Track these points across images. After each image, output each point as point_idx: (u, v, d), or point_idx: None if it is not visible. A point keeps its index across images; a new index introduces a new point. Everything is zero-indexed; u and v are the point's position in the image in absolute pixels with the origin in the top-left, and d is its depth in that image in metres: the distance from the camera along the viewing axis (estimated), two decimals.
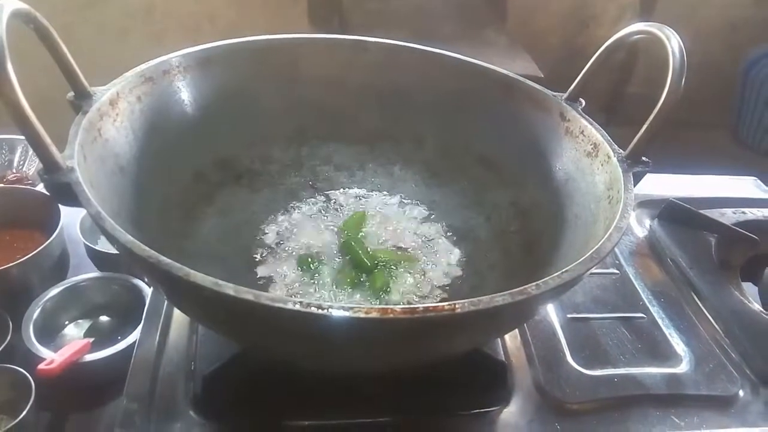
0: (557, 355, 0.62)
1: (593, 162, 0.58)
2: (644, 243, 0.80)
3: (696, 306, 0.70)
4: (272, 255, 0.66)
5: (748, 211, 0.85)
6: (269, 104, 0.70)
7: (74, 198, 0.43)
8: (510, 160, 0.69)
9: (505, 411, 0.57)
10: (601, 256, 0.44)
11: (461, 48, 0.79)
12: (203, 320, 0.53)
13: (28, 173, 0.91)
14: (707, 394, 0.60)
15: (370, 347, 0.43)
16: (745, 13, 2.19)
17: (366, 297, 0.62)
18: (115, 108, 0.54)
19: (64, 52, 0.50)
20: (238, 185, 0.70)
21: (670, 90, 0.52)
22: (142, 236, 0.41)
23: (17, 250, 0.71)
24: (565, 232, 0.58)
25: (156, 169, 0.58)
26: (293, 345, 0.45)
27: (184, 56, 0.63)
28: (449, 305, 0.37)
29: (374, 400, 0.55)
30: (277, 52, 0.69)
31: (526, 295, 0.39)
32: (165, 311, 0.62)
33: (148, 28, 1.94)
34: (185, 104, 0.64)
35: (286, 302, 0.36)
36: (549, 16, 2.16)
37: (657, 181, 0.89)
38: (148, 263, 0.38)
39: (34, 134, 0.42)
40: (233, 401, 0.54)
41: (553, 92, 0.65)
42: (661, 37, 0.54)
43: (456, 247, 0.69)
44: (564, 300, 0.68)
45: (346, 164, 0.76)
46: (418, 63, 0.71)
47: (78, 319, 0.70)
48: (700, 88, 1.73)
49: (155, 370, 0.56)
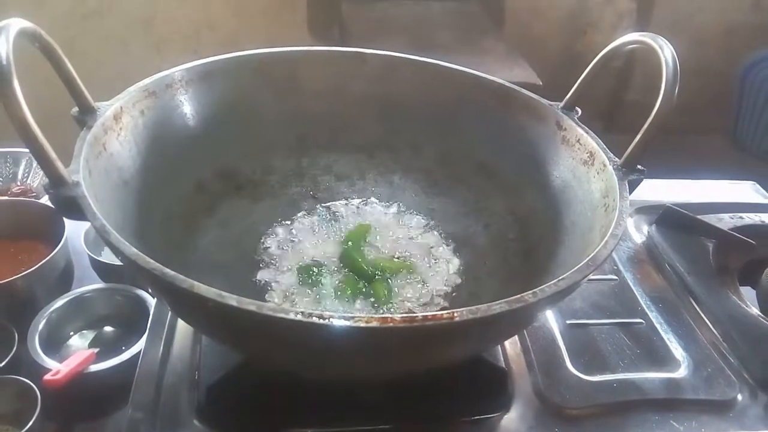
0: (557, 362, 0.62)
1: (589, 170, 0.59)
2: (642, 249, 0.81)
3: (694, 311, 0.71)
4: (273, 265, 0.67)
5: (746, 215, 0.85)
6: (270, 115, 0.71)
7: (80, 212, 0.44)
8: (508, 168, 0.70)
9: (505, 417, 0.57)
10: (597, 264, 0.45)
11: (460, 56, 0.80)
12: (207, 330, 0.54)
13: (32, 186, 0.92)
14: (706, 398, 0.60)
15: (370, 356, 0.44)
16: (742, 19, 2.20)
17: (367, 306, 0.63)
18: (119, 122, 0.55)
19: (69, 69, 0.51)
20: (239, 196, 0.71)
21: (663, 99, 0.53)
22: (146, 248, 0.42)
23: (22, 263, 0.72)
24: (562, 240, 0.59)
25: (159, 181, 0.59)
26: (295, 354, 0.46)
27: (186, 70, 0.64)
28: (448, 314, 0.38)
29: (376, 408, 0.55)
30: (278, 64, 0.70)
31: (523, 303, 0.40)
32: (169, 321, 0.62)
33: (149, 38, 1.95)
34: (187, 117, 0.65)
35: (288, 312, 0.37)
36: (547, 23, 2.17)
37: (655, 187, 0.90)
38: (153, 275, 0.39)
39: (40, 150, 0.43)
40: (237, 410, 0.54)
41: (549, 101, 0.66)
42: (655, 47, 0.55)
43: (455, 255, 0.70)
44: (563, 306, 0.68)
45: (347, 174, 0.77)
46: (416, 74, 0.72)
47: (83, 329, 0.71)
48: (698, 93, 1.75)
49: (160, 379, 0.57)
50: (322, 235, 0.71)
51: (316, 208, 0.74)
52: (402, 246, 0.71)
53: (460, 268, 0.68)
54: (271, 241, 0.69)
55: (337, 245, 0.69)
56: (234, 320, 0.40)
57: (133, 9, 1.92)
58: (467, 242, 0.71)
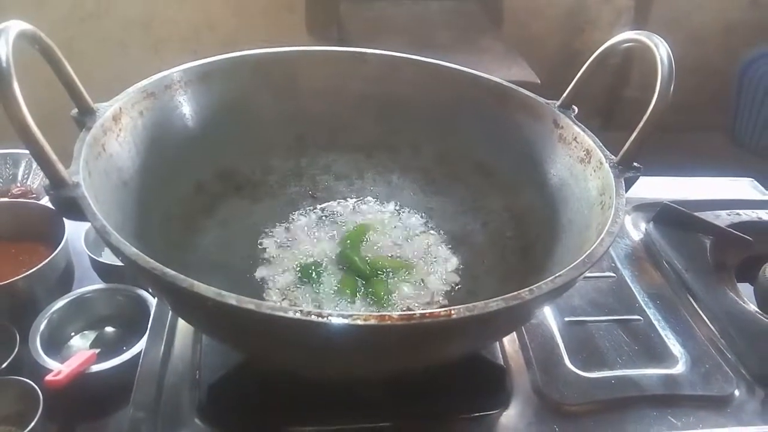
0: (555, 358, 0.63)
1: (586, 168, 0.59)
2: (640, 246, 0.81)
3: (692, 307, 0.71)
4: (273, 265, 0.67)
5: (743, 212, 0.86)
6: (269, 116, 0.71)
7: (80, 212, 0.44)
8: (505, 166, 0.70)
9: (504, 414, 0.57)
10: (593, 261, 0.45)
11: (458, 55, 0.80)
12: (207, 330, 0.54)
13: (32, 187, 0.92)
14: (703, 394, 0.61)
15: (369, 353, 0.44)
16: (740, 16, 2.20)
17: (366, 305, 0.63)
18: (118, 123, 0.56)
19: (69, 71, 0.52)
20: (239, 196, 0.71)
21: (659, 97, 0.54)
22: (145, 248, 0.42)
23: (23, 264, 0.72)
24: (559, 237, 0.59)
25: (158, 181, 0.60)
26: (295, 353, 0.46)
27: (185, 71, 0.64)
28: (445, 311, 0.38)
29: (375, 406, 0.56)
30: (276, 64, 0.71)
31: (519, 300, 0.41)
32: (169, 321, 0.63)
33: (148, 39, 1.96)
34: (186, 117, 0.65)
35: (287, 311, 0.37)
36: (545, 21, 2.18)
37: (652, 184, 0.90)
38: (153, 275, 0.40)
39: (40, 151, 0.43)
40: (238, 409, 0.54)
41: (546, 100, 0.67)
42: (650, 45, 0.55)
43: (453, 254, 0.70)
44: (561, 303, 0.69)
45: (345, 173, 0.77)
46: (414, 73, 0.73)
47: (84, 330, 0.71)
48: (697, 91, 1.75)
49: (161, 379, 0.57)
50: (321, 234, 0.71)
51: (315, 207, 0.75)
52: (400, 245, 0.71)
53: (458, 267, 0.69)
54: (271, 240, 0.70)
55: (336, 245, 0.70)
56: (233, 319, 0.40)
57: (131, 10, 1.92)
58: (465, 241, 0.71)
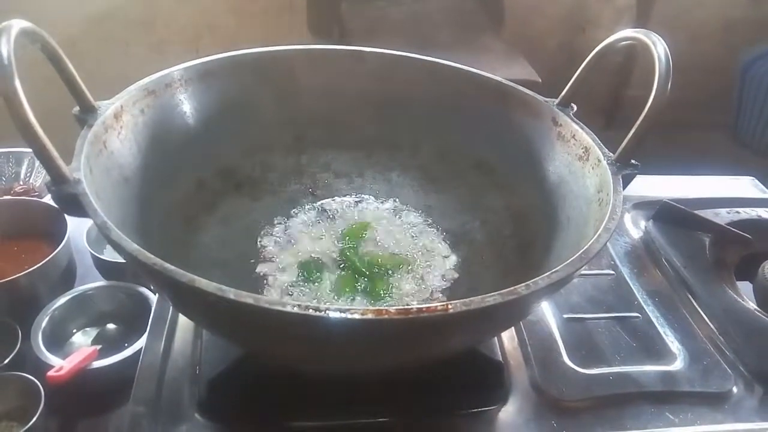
0: (554, 355, 0.63)
1: (584, 165, 0.60)
2: (639, 244, 0.81)
3: (691, 305, 0.71)
4: (273, 262, 0.67)
5: (742, 210, 0.86)
6: (269, 114, 0.72)
7: (81, 209, 0.44)
8: (504, 164, 0.70)
9: (502, 410, 0.58)
10: (590, 257, 0.45)
11: (459, 54, 0.80)
12: (207, 325, 0.55)
13: (34, 185, 0.93)
14: (701, 390, 0.61)
15: (367, 348, 0.44)
16: (741, 13, 2.20)
17: (366, 302, 0.63)
18: (119, 121, 0.56)
19: (71, 70, 0.52)
20: (239, 193, 0.72)
21: (656, 94, 0.54)
22: (146, 245, 0.43)
23: (25, 261, 0.73)
24: (557, 234, 0.60)
25: (159, 179, 0.60)
26: (294, 347, 0.46)
27: (185, 69, 0.65)
28: (442, 305, 0.39)
29: (375, 402, 0.56)
30: (276, 63, 0.71)
31: (516, 294, 0.41)
32: (170, 318, 0.63)
33: (149, 39, 1.96)
34: (187, 115, 0.66)
35: (285, 305, 0.37)
36: (545, 20, 2.17)
37: (652, 182, 0.91)
38: (154, 270, 0.40)
39: (42, 149, 0.43)
40: (237, 404, 0.55)
41: (545, 98, 0.67)
42: (647, 43, 0.55)
43: (452, 251, 0.70)
44: (560, 301, 0.69)
45: (345, 171, 0.77)
46: (414, 72, 0.73)
47: (85, 327, 0.72)
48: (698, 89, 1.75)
49: (161, 375, 0.58)
50: (321, 231, 0.72)
51: (315, 205, 0.75)
52: (400, 242, 0.71)
53: (457, 264, 0.69)
54: (271, 238, 0.70)
55: (336, 242, 0.70)
56: (233, 314, 0.41)
57: (133, 10, 1.92)
58: (464, 238, 0.72)
